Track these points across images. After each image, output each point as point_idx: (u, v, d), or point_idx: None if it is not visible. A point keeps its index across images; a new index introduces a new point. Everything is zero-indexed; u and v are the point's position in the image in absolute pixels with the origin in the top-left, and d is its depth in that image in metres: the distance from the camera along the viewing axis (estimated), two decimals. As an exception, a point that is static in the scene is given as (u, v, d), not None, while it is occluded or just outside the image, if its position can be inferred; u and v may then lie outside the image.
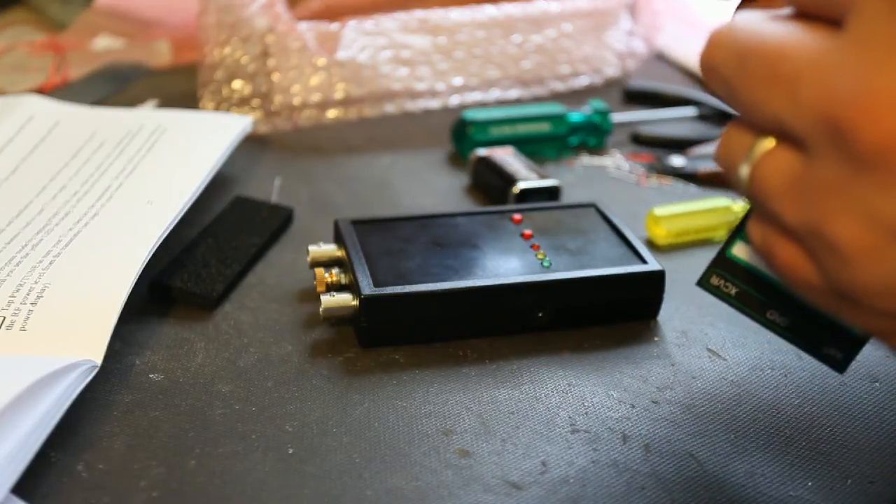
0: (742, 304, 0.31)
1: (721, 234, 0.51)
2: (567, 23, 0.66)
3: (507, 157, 0.55)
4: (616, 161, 0.60)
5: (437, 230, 0.45)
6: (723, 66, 0.28)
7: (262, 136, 0.61)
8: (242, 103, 0.60)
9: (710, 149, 0.60)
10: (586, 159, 0.60)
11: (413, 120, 0.64)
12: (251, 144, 0.58)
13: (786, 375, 0.41)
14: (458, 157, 0.60)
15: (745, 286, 0.31)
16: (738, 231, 0.32)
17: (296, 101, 0.60)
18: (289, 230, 0.50)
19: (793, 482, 0.35)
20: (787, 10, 0.27)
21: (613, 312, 0.43)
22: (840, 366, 0.31)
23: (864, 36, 0.24)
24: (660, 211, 0.50)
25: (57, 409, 0.34)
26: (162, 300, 0.44)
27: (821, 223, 0.25)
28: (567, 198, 0.53)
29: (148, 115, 0.56)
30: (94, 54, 0.72)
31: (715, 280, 0.32)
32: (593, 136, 0.61)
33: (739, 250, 0.31)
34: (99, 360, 0.37)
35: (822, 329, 0.31)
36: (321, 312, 0.41)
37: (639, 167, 0.59)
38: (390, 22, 0.62)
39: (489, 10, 0.65)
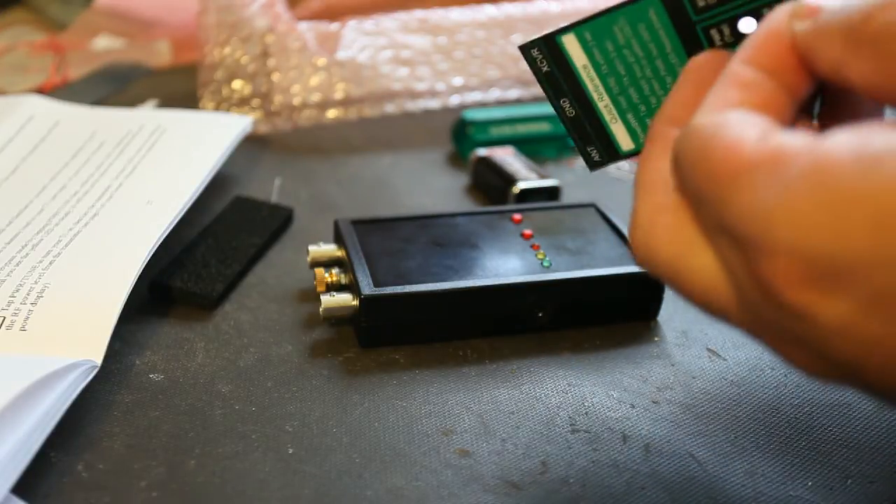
0: (547, 83, 0.34)
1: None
2: (567, 23, 0.66)
3: (507, 157, 0.55)
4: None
5: (437, 230, 0.45)
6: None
7: (262, 136, 0.61)
8: (242, 103, 0.60)
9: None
10: (586, 159, 0.60)
11: (413, 120, 0.64)
12: (251, 144, 0.58)
13: (786, 375, 0.41)
14: (458, 157, 0.60)
15: (556, 70, 0.34)
16: (576, 24, 0.34)
17: (296, 101, 0.60)
18: (289, 230, 0.50)
19: (793, 482, 0.35)
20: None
21: (613, 312, 0.43)
22: (593, 166, 0.35)
23: None
24: (660, 211, 0.50)
25: (57, 409, 0.34)
26: (162, 300, 0.44)
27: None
28: (567, 198, 0.53)
29: (148, 115, 0.56)
30: (94, 54, 0.72)
31: (536, 53, 0.34)
32: (593, 136, 0.61)
33: (569, 42, 0.34)
34: (99, 360, 0.37)
35: (596, 132, 0.34)
36: (321, 312, 0.41)
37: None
38: (390, 22, 0.62)
39: (489, 10, 0.65)
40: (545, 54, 0.33)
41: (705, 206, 0.26)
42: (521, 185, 0.52)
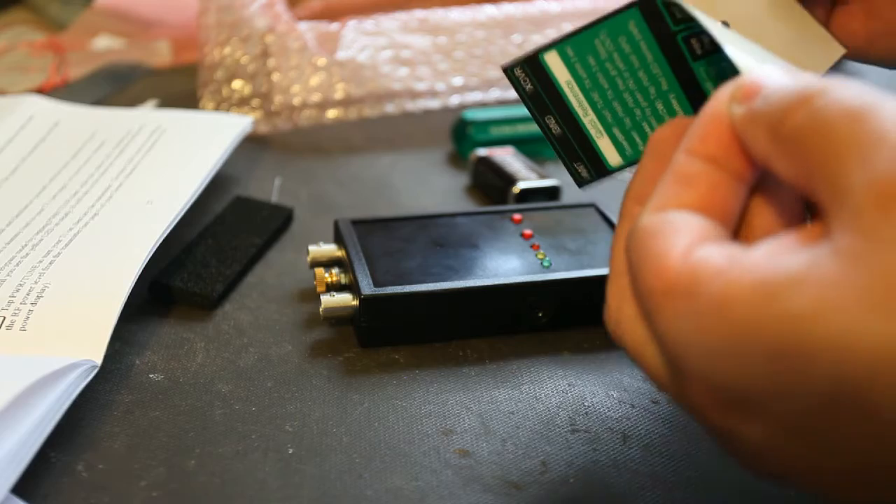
0: (531, 102, 0.34)
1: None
2: (567, 23, 0.66)
3: (507, 157, 0.55)
4: (616, 161, 0.60)
5: (437, 230, 0.45)
6: None
7: (262, 136, 0.61)
8: (242, 103, 0.60)
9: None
10: (586, 159, 0.60)
11: (413, 120, 0.64)
12: (251, 144, 0.58)
13: (786, 375, 0.41)
14: (458, 157, 0.60)
15: (540, 88, 0.34)
16: (557, 41, 0.33)
17: (296, 101, 0.60)
18: (289, 230, 0.50)
19: (793, 482, 0.35)
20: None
21: (613, 312, 0.43)
22: (582, 183, 0.35)
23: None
24: (660, 211, 0.50)
25: (57, 409, 0.34)
26: (162, 300, 0.44)
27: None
28: (567, 198, 0.53)
29: (148, 115, 0.56)
30: (94, 54, 0.72)
31: (518, 72, 0.34)
32: (593, 136, 0.61)
33: (551, 59, 0.34)
34: (99, 360, 0.37)
35: (583, 148, 0.35)
36: (321, 312, 0.41)
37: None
38: (390, 22, 0.62)
39: (489, 10, 0.65)
40: (528, 73, 0.33)
41: (645, 313, 0.27)
42: (521, 185, 0.52)
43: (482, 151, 0.55)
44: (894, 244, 0.22)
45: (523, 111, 0.60)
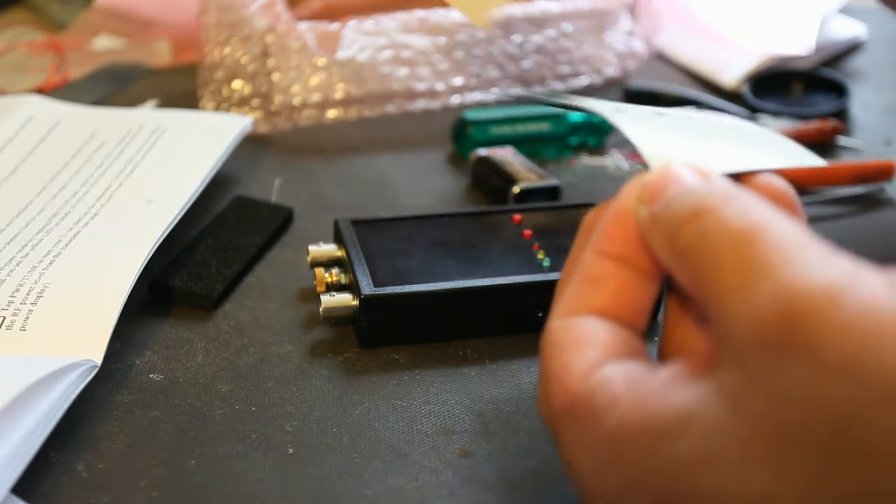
0: None
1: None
2: (567, 23, 0.66)
3: (507, 157, 0.55)
4: (616, 161, 0.60)
5: (437, 230, 0.45)
6: None
7: (262, 136, 0.60)
8: (242, 103, 0.60)
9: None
10: (586, 159, 0.60)
11: (413, 120, 0.64)
12: (251, 144, 0.58)
13: (786, 375, 0.41)
14: (458, 157, 0.60)
15: None
16: None
17: (296, 101, 0.60)
18: (289, 230, 0.50)
19: (793, 482, 0.35)
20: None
21: (613, 312, 0.43)
22: None
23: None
24: (660, 211, 0.50)
25: (57, 409, 0.34)
26: (162, 300, 0.44)
27: None
28: (567, 198, 0.53)
29: (148, 115, 0.56)
30: (94, 54, 0.72)
31: None
32: (593, 136, 0.61)
33: None
34: (99, 360, 0.37)
35: None
36: (321, 312, 0.41)
37: (639, 167, 0.59)
38: (390, 22, 0.62)
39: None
40: None
41: (550, 427, 0.27)
42: (521, 185, 0.52)
43: (482, 151, 0.55)
44: (771, 389, 0.22)
45: (523, 111, 0.60)
